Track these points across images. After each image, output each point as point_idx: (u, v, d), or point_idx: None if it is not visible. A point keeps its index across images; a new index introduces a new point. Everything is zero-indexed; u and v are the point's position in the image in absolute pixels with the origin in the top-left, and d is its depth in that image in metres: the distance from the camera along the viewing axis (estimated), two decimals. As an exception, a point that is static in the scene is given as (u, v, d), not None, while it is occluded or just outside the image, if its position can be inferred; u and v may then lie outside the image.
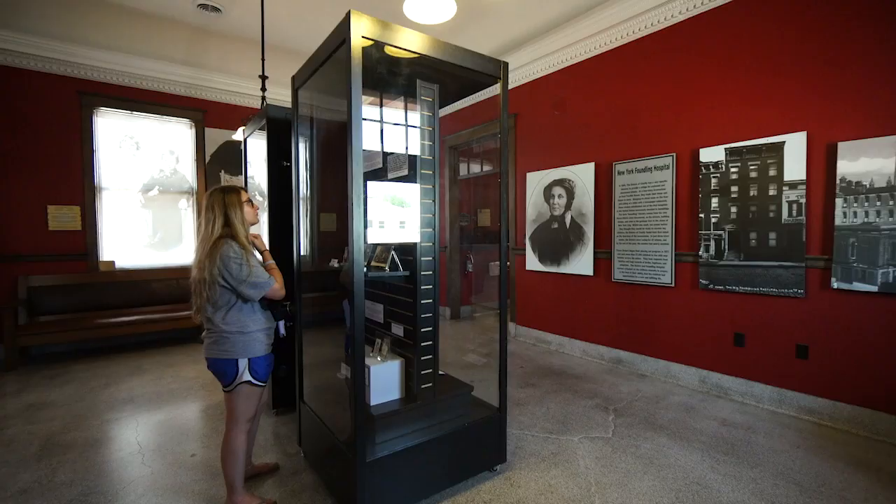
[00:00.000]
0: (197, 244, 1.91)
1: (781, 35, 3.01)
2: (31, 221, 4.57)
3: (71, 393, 3.50)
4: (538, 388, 3.55)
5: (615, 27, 3.98)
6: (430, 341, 2.15)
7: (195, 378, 3.85)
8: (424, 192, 2.17)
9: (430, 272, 2.16)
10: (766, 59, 3.08)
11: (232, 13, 4.70)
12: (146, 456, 2.51)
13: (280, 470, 2.33)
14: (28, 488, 2.18)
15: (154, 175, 5.31)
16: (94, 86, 4.88)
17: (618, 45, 4.03)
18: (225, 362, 1.87)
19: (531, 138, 4.94)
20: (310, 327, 2.49)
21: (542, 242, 4.80)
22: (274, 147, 2.92)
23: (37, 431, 2.81)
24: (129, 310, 4.77)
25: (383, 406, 2.05)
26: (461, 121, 5.81)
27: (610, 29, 4.02)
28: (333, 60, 1.97)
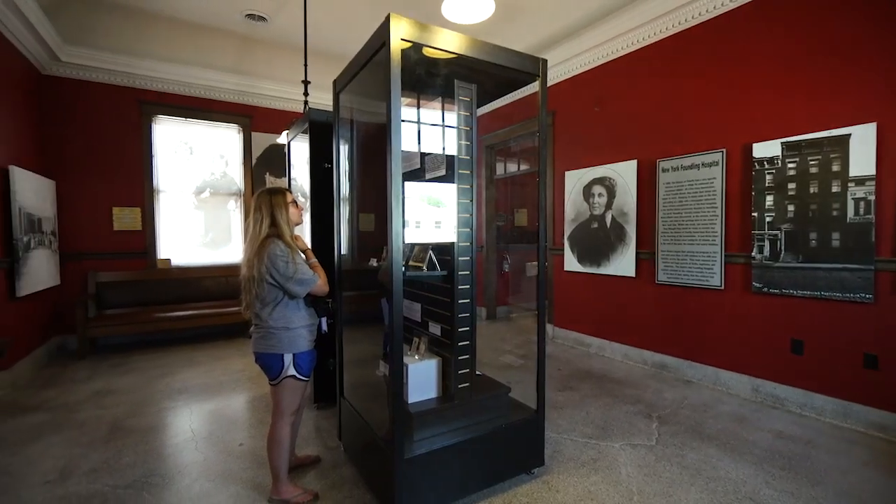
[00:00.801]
0: (246, 243, 2.00)
1: (846, 18, 2.78)
2: (99, 222, 4.96)
3: (133, 381, 3.77)
4: (577, 391, 3.47)
5: (658, 19, 3.82)
6: (467, 341, 2.15)
7: (242, 371, 4.04)
8: (462, 192, 2.17)
9: (467, 272, 2.16)
10: (829, 45, 2.86)
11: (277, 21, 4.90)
12: (199, 443, 2.66)
13: (321, 462, 2.41)
14: (98, 468, 2.37)
15: (206, 178, 5.62)
16: (152, 95, 5.22)
17: (661, 38, 3.87)
18: (271, 357, 1.95)
19: (570, 136, 4.84)
20: (349, 325, 2.55)
21: (581, 242, 4.69)
22: (316, 149, 3.02)
23: (104, 416, 3.05)
24: (183, 305, 5.09)
25: (421, 404, 2.07)
26: (498, 120, 5.77)
27: (652, 21, 3.87)
28: (373, 63, 2.01)
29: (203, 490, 2.17)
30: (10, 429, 2.85)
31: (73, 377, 3.88)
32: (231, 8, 4.63)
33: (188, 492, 2.16)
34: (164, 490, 2.17)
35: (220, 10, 4.67)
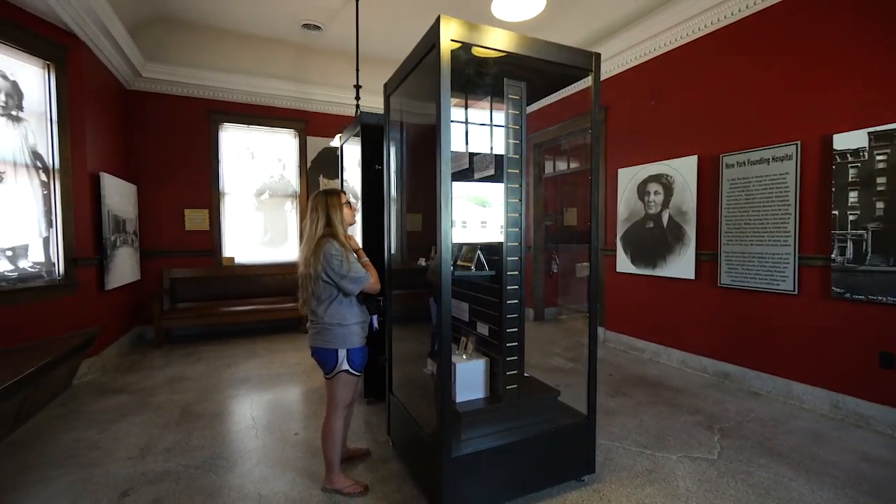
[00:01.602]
0: (303, 243, 2.10)
1: (953, -10, 2.46)
2: (173, 222, 5.41)
3: (201, 370, 4.08)
4: (630, 398, 3.33)
5: (720, 5, 3.57)
6: (515, 342, 2.13)
7: (297, 364, 4.25)
8: (511, 192, 2.15)
9: (516, 272, 2.13)
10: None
11: (331, 30, 5.10)
12: (258, 431, 2.83)
13: (371, 456, 2.48)
14: (171, 447, 2.59)
15: (265, 181, 5.96)
16: (219, 104, 5.62)
17: (722, 25, 3.62)
18: (326, 352, 2.04)
19: (623, 132, 4.64)
20: (398, 323, 2.60)
21: (635, 243, 4.49)
22: (367, 152, 3.11)
23: (177, 401, 3.32)
24: (244, 300, 5.43)
25: (468, 404, 2.07)
26: (547, 118, 5.65)
27: (713, 8, 3.62)
28: (423, 65, 2.04)
29: (262, 475, 2.30)
30: (100, 408, 3.18)
31: (150, 364, 4.26)
32: (289, 19, 4.88)
33: (249, 475, 2.30)
34: (229, 472, 2.33)
35: (279, 21, 4.94)
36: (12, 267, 3.34)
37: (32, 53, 3.46)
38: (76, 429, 2.84)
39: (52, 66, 3.61)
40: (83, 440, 2.68)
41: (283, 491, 2.16)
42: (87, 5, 3.53)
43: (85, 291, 3.83)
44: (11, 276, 3.31)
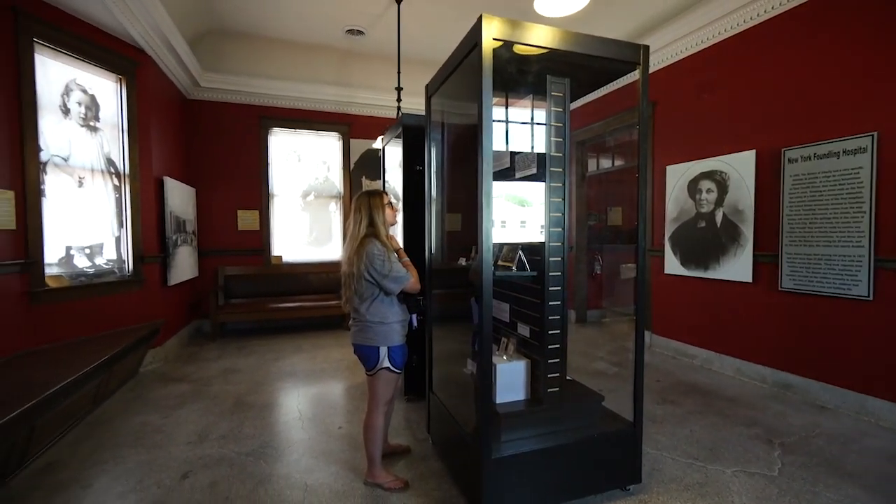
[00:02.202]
0: (346, 242, 2.16)
1: None
2: (227, 223, 5.73)
3: (252, 363, 4.30)
4: (679, 406, 3.17)
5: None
6: (557, 344, 2.09)
7: (340, 360, 4.38)
8: (553, 191, 2.11)
9: (558, 273, 2.09)
10: None
11: (373, 34, 5.21)
12: (304, 423, 2.95)
13: (411, 453, 2.51)
14: (226, 434, 2.75)
15: (311, 182, 6.19)
16: (269, 110, 5.89)
17: (783, 10, 3.36)
18: (368, 349, 2.09)
19: (673, 128, 4.43)
20: (438, 321, 2.62)
21: (684, 243, 4.27)
22: (408, 152, 3.16)
23: (230, 391, 3.52)
24: (291, 297, 5.67)
25: (508, 405, 2.05)
26: (590, 114, 5.49)
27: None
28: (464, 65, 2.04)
29: (308, 466, 2.40)
30: (163, 395, 3.42)
31: (206, 356, 4.54)
32: (334, 26, 5.04)
33: (296, 465, 2.40)
34: (277, 461, 2.44)
35: (325, 28, 5.11)
36: (90, 263, 3.67)
37: (107, 69, 3.78)
38: (143, 413, 3.08)
39: (123, 80, 3.93)
40: (149, 424, 2.90)
41: (327, 482, 2.23)
42: (153, 22, 3.81)
43: (150, 287, 4.14)
44: (89, 272, 3.64)
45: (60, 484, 2.22)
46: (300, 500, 2.08)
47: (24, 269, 3.03)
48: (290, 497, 2.11)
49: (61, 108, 3.44)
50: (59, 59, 3.40)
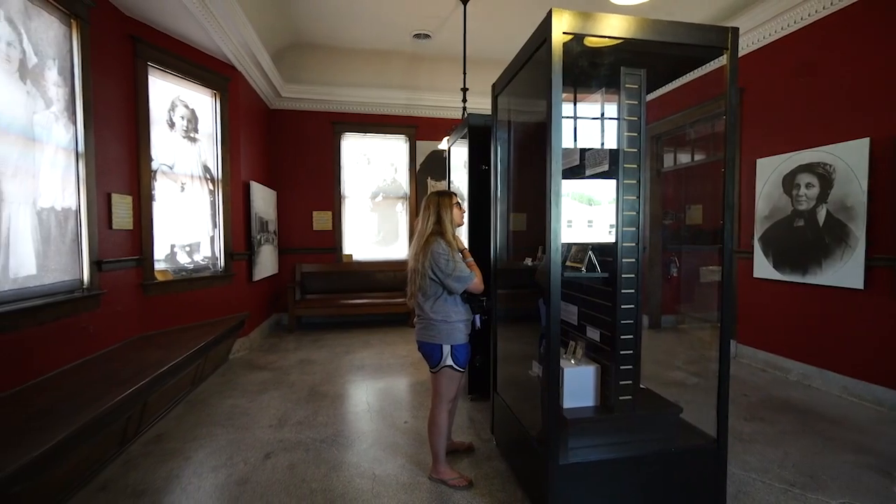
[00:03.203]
0: (413, 240, 2.21)
1: None
2: (303, 223, 6.14)
3: (325, 355, 4.56)
4: (771, 424, 2.87)
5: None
6: (630, 350, 1.98)
7: (406, 356, 4.50)
8: (627, 188, 2.00)
9: (631, 275, 1.98)
10: None
11: (439, 37, 5.30)
12: (372, 415, 3.07)
13: (475, 452, 2.52)
14: (302, 421, 2.95)
15: (379, 184, 6.44)
16: (341, 116, 6.22)
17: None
18: (432, 346, 2.13)
19: (764, 117, 4.01)
20: (503, 322, 2.60)
21: (778, 244, 3.84)
22: (474, 152, 3.17)
23: (306, 381, 3.76)
24: (360, 294, 5.94)
25: (576, 411, 1.99)
26: (667, 106, 5.13)
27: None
28: (532, 62, 2.00)
29: (376, 456, 2.50)
30: (249, 381, 3.75)
31: (285, 347, 4.89)
32: (402, 31, 5.19)
33: (365, 455, 2.51)
34: (348, 450, 2.57)
35: (393, 35, 5.29)
36: (189, 260, 4.12)
37: (205, 85, 4.22)
38: (232, 396, 3.39)
39: (218, 95, 4.36)
40: (237, 407, 3.19)
41: (393, 474, 2.31)
42: (242, 40, 4.18)
43: (238, 281, 4.55)
44: (189, 267, 4.09)
45: (166, 453, 2.52)
46: (369, 489, 2.18)
47: (139, 263, 3.48)
48: (359, 485, 2.21)
49: (168, 122, 3.90)
50: (167, 79, 3.85)
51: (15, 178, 2.36)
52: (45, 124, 2.59)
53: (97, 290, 2.94)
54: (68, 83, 2.80)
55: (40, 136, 2.55)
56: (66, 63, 2.80)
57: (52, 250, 2.64)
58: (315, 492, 2.15)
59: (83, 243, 2.89)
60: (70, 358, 2.69)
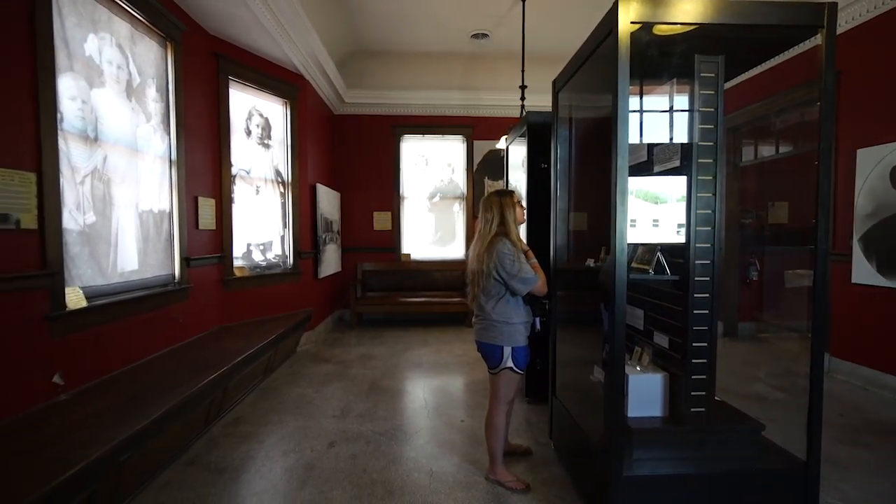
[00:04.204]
0: (475, 240, 2.19)
1: None
2: (364, 223, 6.39)
3: (384, 351, 4.71)
4: (873, 450, 2.53)
5: None
6: (703, 359, 1.84)
7: (462, 355, 4.53)
8: (701, 185, 1.87)
9: (706, 278, 1.85)
10: None
11: (497, 35, 5.26)
12: (429, 412, 3.12)
13: (532, 456, 2.47)
14: (363, 413, 3.07)
15: (437, 184, 6.53)
16: (400, 119, 6.39)
17: None
18: (493, 347, 2.10)
19: (865, 102, 3.54)
20: (562, 324, 2.53)
21: (884, 246, 3.38)
22: (533, 151, 3.11)
23: (367, 375, 3.91)
24: (418, 293, 6.07)
25: (642, 420, 1.88)
26: (747, 95, 4.70)
27: None
28: (595, 56, 1.93)
29: (433, 453, 2.53)
30: (314, 372, 3.97)
31: (347, 342, 5.12)
32: (460, 32, 5.23)
33: (423, 451, 2.56)
34: (406, 444, 2.64)
35: (452, 36, 5.34)
36: (263, 258, 4.44)
37: (277, 95, 4.52)
38: (300, 386, 3.61)
39: (288, 103, 4.66)
40: (304, 396, 3.39)
41: (450, 472, 2.33)
42: (310, 51, 4.43)
43: (305, 278, 4.83)
44: (262, 265, 4.41)
45: (243, 435, 2.74)
46: (426, 484, 2.22)
47: (220, 260, 3.81)
48: (417, 479, 2.26)
49: (245, 130, 4.23)
50: (244, 91, 4.18)
51: (122, 185, 2.69)
52: (145, 136, 2.92)
53: (186, 284, 3.26)
54: (164, 99, 3.14)
55: (142, 146, 2.88)
56: (163, 81, 3.13)
57: (151, 248, 2.97)
58: (375, 482, 2.23)
59: (175, 242, 3.22)
60: (163, 344, 3.00)
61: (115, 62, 2.64)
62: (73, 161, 2.31)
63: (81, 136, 2.37)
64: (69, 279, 2.26)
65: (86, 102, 2.40)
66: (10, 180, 1.91)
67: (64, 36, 2.25)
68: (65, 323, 2.19)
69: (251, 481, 2.26)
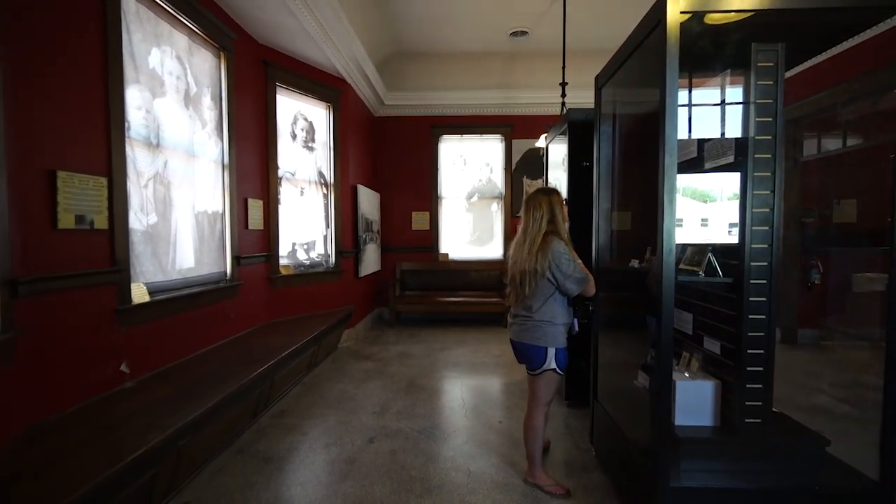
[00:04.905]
0: (520, 239, 2.11)
1: None
2: (403, 223, 6.48)
3: (422, 350, 4.76)
4: (960, 473, 2.28)
5: None
6: (760, 367, 1.73)
7: (499, 356, 4.50)
8: (758, 182, 1.76)
9: (763, 280, 1.74)
10: None
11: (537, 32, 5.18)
12: (467, 412, 3.12)
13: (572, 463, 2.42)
14: (402, 411, 3.12)
15: (475, 184, 6.52)
16: (439, 119, 6.42)
17: None
18: (536, 349, 2.05)
19: (956, 85, 3.19)
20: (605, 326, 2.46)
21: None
22: (574, 148, 3.04)
23: (405, 373, 3.97)
24: (455, 292, 6.08)
25: (691, 429, 1.80)
26: (809, 84, 4.37)
27: None
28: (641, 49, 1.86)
29: (471, 452, 2.53)
30: (355, 369, 4.07)
31: (386, 339, 5.21)
32: (499, 31, 5.19)
33: (460, 450, 2.56)
34: (444, 443, 2.65)
35: (491, 36, 5.30)
36: (307, 257, 4.61)
37: (320, 99, 4.68)
38: (341, 382, 3.72)
39: (331, 107, 4.81)
40: (345, 392, 3.49)
41: (488, 472, 2.32)
42: (352, 55, 4.55)
43: (346, 277, 4.96)
44: (306, 263, 4.57)
45: (288, 427, 2.86)
46: (464, 484, 2.22)
47: (267, 259, 3.98)
48: (455, 479, 2.27)
49: (291, 134, 4.40)
50: (290, 96, 4.35)
51: (181, 188, 2.87)
52: (201, 142, 3.10)
53: (237, 281, 3.44)
54: (217, 106, 3.32)
55: (198, 151, 3.06)
56: (216, 89, 3.32)
57: (205, 247, 3.16)
58: (414, 479, 2.26)
59: (227, 241, 3.40)
60: (215, 338, 3.18)
61: (175, 73, 2.83)
62: (138, 166, 2.49)
63: (145, 142, 2.56)
64: (134, 275, 2.45)
65: (149, 112, 2.59)
66: (87, 185, 2.09)
67: (131, 51, 2.43)
68: (130, 316, 2.37)
69: (296, 471, 2.35)
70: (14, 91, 1.78)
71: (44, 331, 1.90)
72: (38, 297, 1.86)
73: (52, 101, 1.96)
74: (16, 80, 1.78)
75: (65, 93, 2.02)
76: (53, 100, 1.97)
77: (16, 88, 1.79)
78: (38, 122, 1.89)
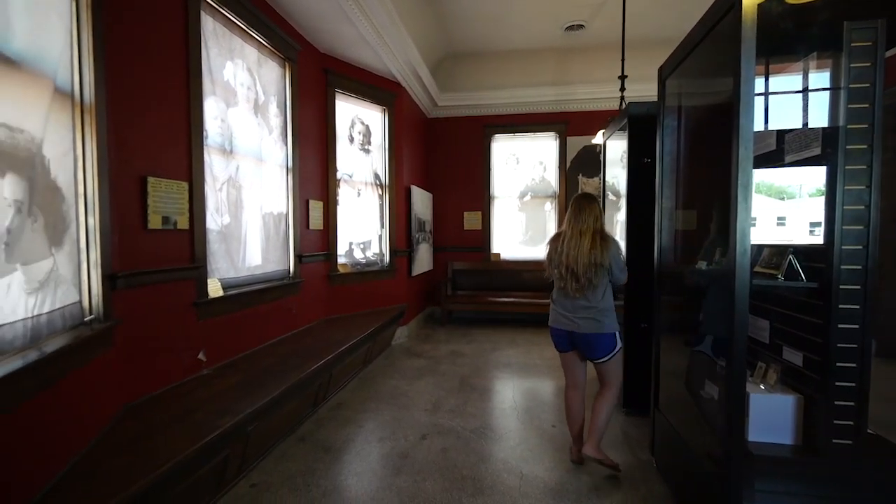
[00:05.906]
0: (567, 233, 2.26)
1: None
2: (455, 223, 6.52)
3: (473, 349, 4.76)
4: None
5: None
6: (851, 382, 1.56)
7: (552, 359, 4.38)
8: (851, 176, 1.58)
9: (856, 286, 1.56)
10: None
11: (593, 25, 5.01)
12: (519, 413, 3.08)
13: (629, 473, 2.31)
14: (453, 409, 3.14)
15: (528, 183, 6.42)
16: (491, 119, 6.39)
17: None
18: (608, 337, 2.22)
19: None
20: (667, 332, 2.32)
21: None
22: (634, 144, 2.90)
23: (456, 371, 3.99)
24: (507, 293, 6.02)
25: (767, 447, 1.65)
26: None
27: None
28: (712, 36, 1.73)
29: (523, 455, 2.50)
30: (407, 366, 4.16)
31: (437, 338, 5.27)
32: (552, 25, 5.07)
33: (513, 452, 2.53)
34: (496, 443, 2.64)
35: (545, 31, 5.19)
36: (363, 256, 4.77)
37: (376, 103, 4.82)
38: (394, 378, 3.81)
39: (386, 110, 4.94)
40: (398, 388, 3.57)
41: (541, 476, 2.28)
42: (407, 59, 4.64)
43: (399, 276, 5.08)
44: (362, 262, 4.74)
45: (345, 419, 2.98)
46: (516, 486, 2.20)
47: (327, 258, 4.17)
48: (507, 480, 2.25)
49: (348, 138, 4.58)
50: (348, 101, 4.52)
51: (250, 190, 3.09)
52: (268, 147, 3.31)
53: (299, 278, 3.64)
54: (282, 113, 3.53)
55: (265, 156, 3.28)
56: (282, 97, 3.53)
57: (271, 246, 3.37)
58: (465, 479, 2.27)
59: (290, 240, 3.61)
60: (279, 332, 3.38)
61: (246, 84, 3.05)
62: (214, 171, 2.71)
63: (220, 149, 2.77)
64: (210, 272, 2.67)
65: (224, 121, 2.81)
66: (171, 189, 2.30)
67: (209, 65, 2.65)
68: (207, 309, 2.58)
69: (352, 462, 2.44)
70: (119, 104, 2.00)
71: (136, 320, 2.12)
72: (132, 289, 2.08)
73: (144, 114, 2.18)
74: (113, 92, 2.00)
75: (155, 106, 2.25)
76: (146, 112, 2.19)
77: (121, 100, 2.02)
78: (133, 133, 2.12)
